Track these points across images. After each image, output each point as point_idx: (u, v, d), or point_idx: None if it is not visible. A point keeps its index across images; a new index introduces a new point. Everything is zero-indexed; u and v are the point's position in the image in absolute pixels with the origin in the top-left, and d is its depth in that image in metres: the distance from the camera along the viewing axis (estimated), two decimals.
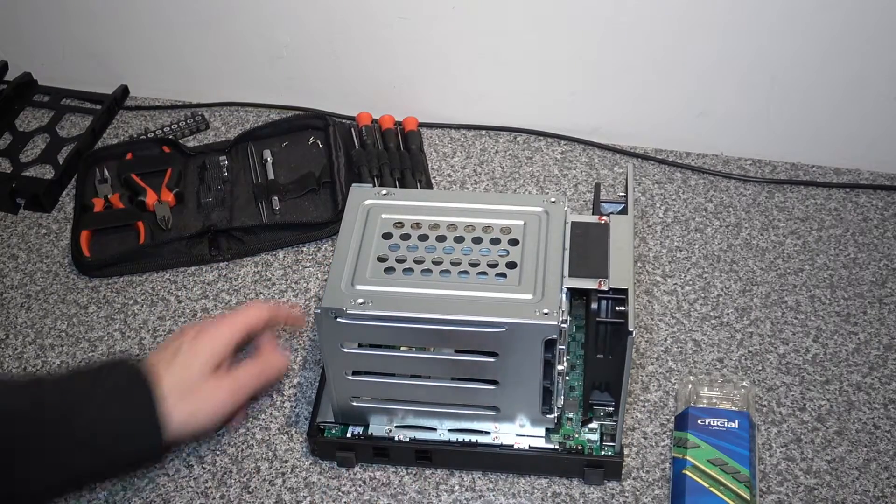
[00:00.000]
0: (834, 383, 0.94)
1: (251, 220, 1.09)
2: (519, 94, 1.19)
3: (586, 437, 0.86)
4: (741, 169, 1.15)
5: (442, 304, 0.78)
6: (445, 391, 0.83)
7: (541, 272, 0.80)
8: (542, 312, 0.77)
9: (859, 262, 1.04)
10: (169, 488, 0.88)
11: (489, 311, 0.77)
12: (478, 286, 0.80)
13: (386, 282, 0.80)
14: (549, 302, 0.78)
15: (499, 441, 0.86)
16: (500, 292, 0.79)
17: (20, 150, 1.23)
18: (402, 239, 0.84)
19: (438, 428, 0.86)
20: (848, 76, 1.08)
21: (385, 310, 0.78)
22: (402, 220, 0.85)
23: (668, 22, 1.08)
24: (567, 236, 0.83)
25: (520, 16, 1.11)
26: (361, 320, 0.78)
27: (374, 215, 0.85)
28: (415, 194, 0.87)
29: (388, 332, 0.79)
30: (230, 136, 1.22)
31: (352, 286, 0.80)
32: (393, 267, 0.81)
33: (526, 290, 0.79)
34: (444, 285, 0.80)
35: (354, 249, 0.83)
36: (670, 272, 1.04)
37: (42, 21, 1.25)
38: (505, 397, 0.83)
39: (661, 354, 0.96)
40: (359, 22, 1.16)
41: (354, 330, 0.79)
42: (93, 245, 1.08)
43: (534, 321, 0.76)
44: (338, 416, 0.87)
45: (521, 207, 0.86)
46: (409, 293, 0.79)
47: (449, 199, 0.87)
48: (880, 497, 0.85)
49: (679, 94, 1.14)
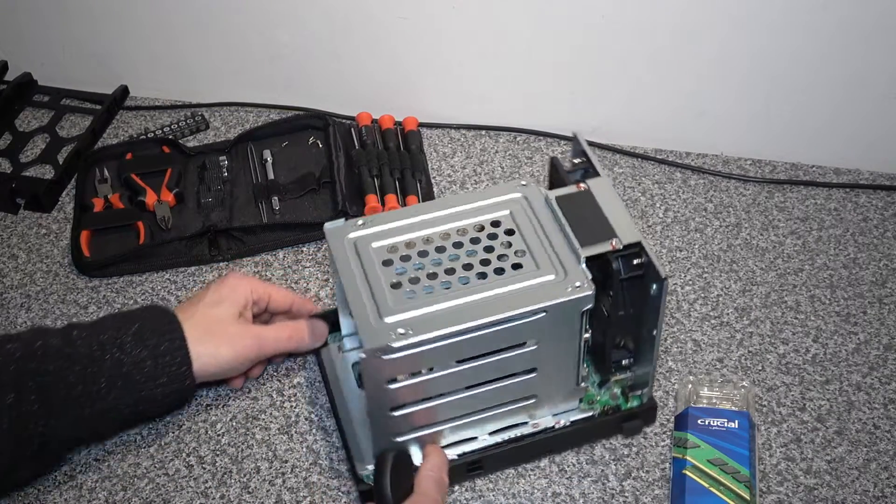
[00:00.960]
0: (834, 383, 0.94)
1: (251, 220, 1.09)
2: (519, 94, 1.19)
3: (608, 397, 0.87)
4: (741, 169, 1.15)
5: (477, 309, 0.77)
6: (486, 396, 0.82)
7: (552, 252, 0.81)
8: (574, 286, 0.78)
9: (859, 262, 1.04)
10: (169, 488, 0.88)
11: (525, 302, 0.77)
12: (501, 282, 0.79)
13: (413, 305, 0.78)
14: (576, 275, 0.78)
15: (540, 426, 0.86)
16: (524, 281, 0.79)
17: (20, 150, 1.23)
18: (403, 261, 0.81)
19: (478, 436, 0.85)
20: (848, 76, 1.08)
21: (428, 332, 0.75)
22: (395, 244, 0.82)
23: (667, 22, 1.08)
24: (559, 211, 0.83)
25: (520, 16, 1.11)
26: (408, 350, 0.75)
27: (364, 247, 0.82)
28: (392, 216, 0.84)
29: (435, 352, 0.77)
30: (230, 136, 1.22)
31: (382, 320, 0.76)
32: (412, 290, 0.79)
33: (547, 272, 0.79)
34: (470, 291, 0.78)
35: (364, 285, 0.79)
36: (670, 272, 1.04)
37: (42, 21, 1.25)
38: (543, 382, 0.83)
39: (660, 354, 0.96)
40: (359, 22, 1.16)
41: (402, 362, 0.76)
42: (93, 245, 1.08)
43: (571, 297, 0.77)
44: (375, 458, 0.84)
45: (500, 198, 0.85)
46: (442, 309, 0.77)
47: (427, 211, 0.85)
48: (880, 497, 0.85)
49: (679, 94, 1.14)
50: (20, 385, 0.78)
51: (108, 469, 0.90)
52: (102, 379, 0.80)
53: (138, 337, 0.82)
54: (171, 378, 0.82)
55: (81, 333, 0.81)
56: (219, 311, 0.87)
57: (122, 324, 0.83)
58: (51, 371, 0.79)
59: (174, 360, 0.82)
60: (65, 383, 0.79)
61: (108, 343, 0.81)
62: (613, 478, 0.87)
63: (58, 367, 0.79)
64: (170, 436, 0.92)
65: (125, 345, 0.81)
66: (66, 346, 0.80)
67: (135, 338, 0.82)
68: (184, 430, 0.92)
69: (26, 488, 0.88)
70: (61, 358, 0.80)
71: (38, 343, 0.80)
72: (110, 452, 0.91)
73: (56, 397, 0.79)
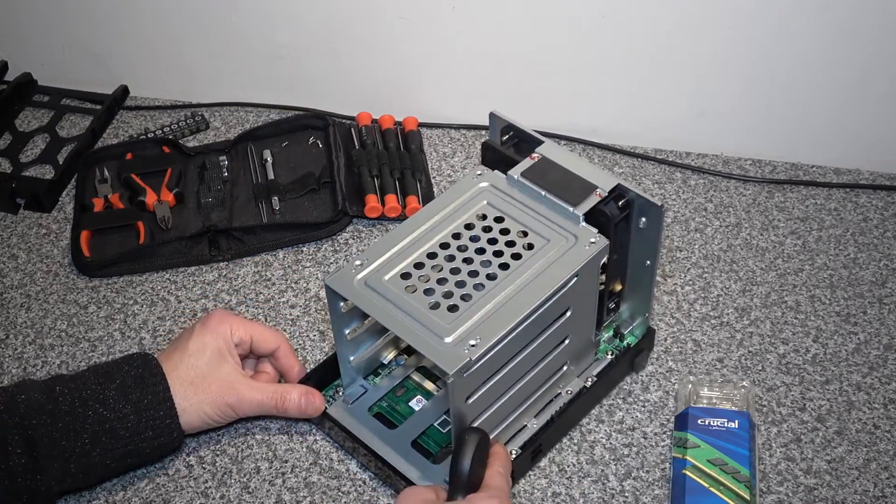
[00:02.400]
0: (834, 383, 0.94)
1: (251, 220, 1.09)
2: (519, 94, 1.19)
3: (607, 338, 0.93)
4: (741, 169, 1.15)
5: (522, 297, 0.79)
6: (535, 378, 0.84)
7: (549, 221, 0.83)
8: (591, 242, 0.81)
9: (859, 262, 1.04)
10: (169, 488, 0.88)
11: (559, 273, 0.80)
12: (524, 266, 0.81)
13: (463, 318, 0.78)
14: (584, 234, 0.82)
15: (574, 391, 0.89)
16: (544, 256, 0.81)
17: (20, 150, 1.23)
18: (424, 282, 0.81)
19: (527, 423, 0.87)
20: (848, 76, 1.08)
21: (494, 334, 0.76)
22: (405, 271, 0.82)
23: (668, 22, 1.08)
24: (531, 185, 0.85)
25: (520, 16, 1.11)
26: (484, 358, 0.76)
27: (377, 283, 0.81)
28: (381, 246, 0.83)
29: (501, 352, 0.78)
30: (230, 136, 1.22)
31: (444, 342, 0.77)
32: (454, 304, 0.79)
33: (558, 242, 0.82)
34: (503, 285, 0.80)
35: (403, 318, 0.79)
36: (670, 272, 1.04)
37: (42, 21, 1.25)
38: (573, 347, 0.86)
39: (660, 354, 0.96)
40: (359, 22, 1.16)
41: (480, 372, 0.77)
42: (93, 245, 1.08)
43: (593, 253, 0.81)
44: None
45: (467, 193, 0.87)
46: (490, 310, 0.78)
47: (412, 229, 0.85)
48: (880, 497, 0.85)
49: (679, 94, 1.14)
50: (5, 439, 0.78)
51: None
52: (86, 436, 0.80)
53: (121, 391, 0.82)
54: (156, 432, 0.82)
55: (64, 389, 0.81)
56: (202, 363, 0.85)
57: (104, 378, 0.82)
58: (35, 425, 0.79)
59: (157, 413, 0.82)
60: (49, 439, 0.79)
61: (91, 399, 0.81)
62: (613, 478, 0.87)
63: (41, 423, 0.79)
64: None
65: (108, 400, 0.81)
66: (49, 402, 0.80)
67: (118, 392, 0.82)
68: None
69: None
70: (44, 414, 0.79)
71: (22, 398, 0.80)
72: None
73: (41, 452, 0.79)
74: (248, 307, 1.03)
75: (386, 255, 0.83)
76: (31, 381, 0.83)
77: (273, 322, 1.01)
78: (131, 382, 0.82)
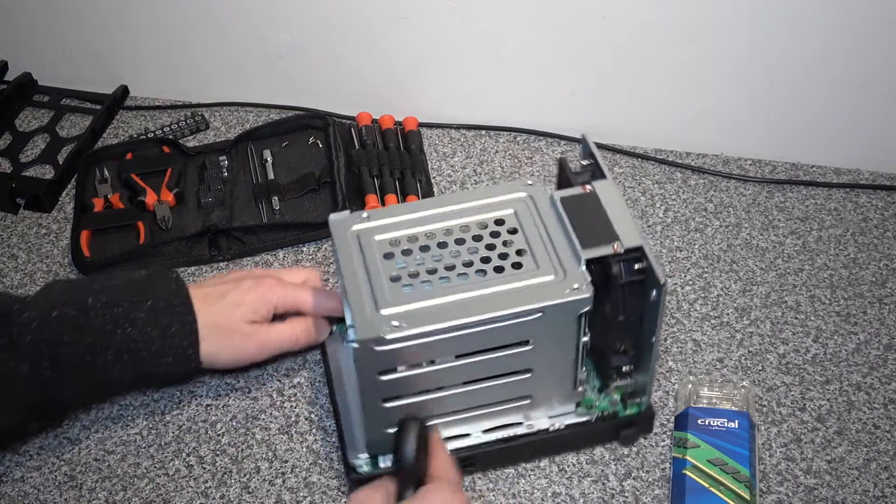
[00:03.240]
0: (834, 383, 0.94)
1: (251, 220, 1.09)
2: (519, 94, 1.19)
3: (607, 402, 0.87)
4: (741, 169, 1.15)
5: (473, 305, 0.77)
6: (481, 393, 0.82)
7: (553, 252, 0.80)
8: (573, 288, 0.77)
9: (859, 262, 1.04)
10: (169, 488, 0.88)
11: (522, 301, 0.77)
12: (499, 280, 0.79)
13: (410, 299, 0.78)
14: (575, 277, 0.78)
15: (535, 428, 0.86)
16: (523, 280, 0.79)
17: (20, 150, 1.23)
18: (404, 255, 0.81)
19: (472, 433, 0.85)
20: (848, 76, 1.08)
21: (421, 326, 0.76)
22: (397, 238, 0.83)
23: (668, 22, 1.08)
24: (563, 212, 0.82)
25: (519, 16, 1.11)
26: (401, 342, 0.76)
27: (367, 239, 0.83)
28: (396, 210, 0.85)
29: (428, 346, 0.77)
30: (230, 136, 1.22)
31: (378, 312, 0.77)
32: (410, 283, 0.79)
33: (547, 273, 0.79)
34: (468, 288, 0.79)
35: (363, 277, 0.80)
36: (670, 272, 1.04)
37: (42, 21, 1.25)
38: (539, 383, 0.83)
39: (660, 354, 0.96)
40: (359, 22, 1.16)
41: (395, 354, 0.77)
42: (93, 245, 1.08)
43: (568, 299, 0.77)
44: (370, 447, 0.85)
45: (505, 196, 0.85)
46: (438, 304, 0.78)
47: (432, 207, 0.85)
48: (880, 497, 0.85)
49: (679, 94, 1.14)
50: (35, 355, 0.80)
51: (108, 469, 0.90)
52: (109, 352, 0.82)
53: (151, 314, 0.83)
54: (176, 358, 0.84)
55: (97, 303, 0.82)
56: (235, 314, 0.87)
57: (136, 297, 0.84)
58: (65, 342, 0.81)
59: (182, 342, 0.84)
60: (76, 354, 0.81)
61: (121, 317, 0.82)
62: (613, 478, 0.87)
63: (71, 339, 0.81)
64: (170, 436, 0.92)
65: (137, 321, 0.83)
66: (81, 315, 0.82)
67: (148, 314, 0.83)
68: (184, 430, 0.92)
69: (26, 487, 0.88)
70: (75, 328, 0.81)
71: (55, 314, 0.81)
72: (110, 452, 0.91)
73: (66, 366, 0.81)
74: None
75: (392, 219, 0.84)
76: (64, 287, 0.84)
77: None
78: (162, 306, 0.84)
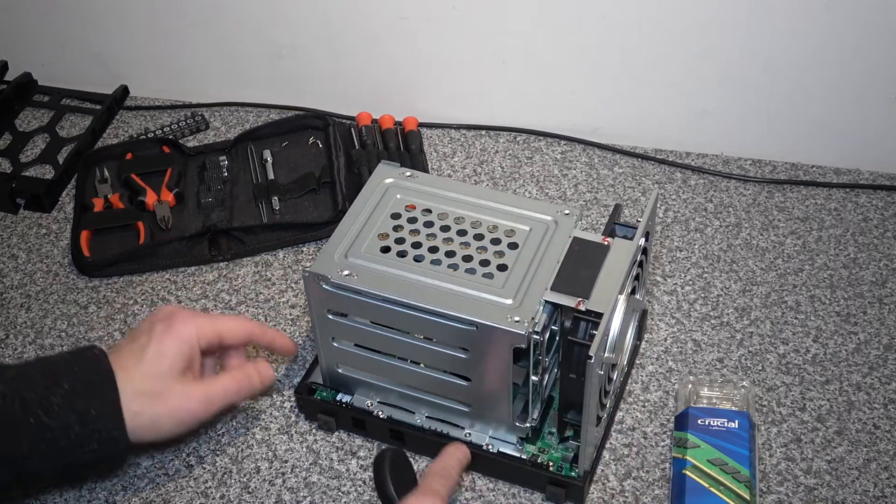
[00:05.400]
0: (834, 383, 0.94)
1: (251, 220, 1.09)
2: (519, 94, 1.19)
3: (560, 454, 0.84)
4: (741, 169, 1.15)
5: (420, 291, 0.79)
6: (421, 377, 0.84)
7: (527, 280, 0.79)
8: (514, 320, 0.76)
9: (859, 262, 1.04)
10: (169, 488, 0.88)
11: (462, 308, 0.78)
12: (462, 281, 0.80)
13: (378, 260, 0.82)
14: (525, 310, 0.77)
15: (469, 439, 0.86)
16: (481, 292, 0.79)
17: (20, 150, 1.23)
18: (408, 221, 0.85)
19: (417, 413, 0.88)
20: (848, 76, 1.08)
21: (366, 286, 0.80)
22: (416, 203, 0.86)
23: (668, 22, 1.08)
24: (565, 250, 0.81)
25: (519, 16, 1.11)
26: (343, 291, 0.80)
27: (391, 194, 0.87)
28: (436, 181, 0.88)
29: (366, 307, 0.81)
30: (230, 136, 1.22)
31: (344, 258, 0.82)
32: (389, 247, 0.83)
33: (507, 295, 0.78)
34: (430, 274, 0.80)
35: (360, 223, 0.85)
36: (670, 272, 1.04)
37: (42, 21, 1.25)
38: (476, 396, 0.83)
39: (661, 354, 0.96)
40: (359, 22, 1.16)
41: (336, 299, 0.81)
42: (93, 245, 1.08)
43: (503, 326, 0.76)
44: (326, 380, 0.89)
45: (532, 213, 0.85)
46: (395, 275, 0.81)
47: (466, 192, 0.88)
48: (880, 497, 0.85)
49: (679, 94, 1.14)
50: None
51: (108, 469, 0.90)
52: (24, 444, 0.73)
53: (68, 399, 0.74)
54: (101, 444, 0.75)
55: (5, 389, 0.73)
56: (161, 371, 0.78)
57: (51, 379, 0.75)
58: None
59: (105, 424, 0.75)
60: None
61: (34, 403, 0.73)
62: (613, 478, 0.87)
63: None
64: None
65: (52, 407, 0.73)
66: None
67: (64, 400, 0.74)
68: None
69: None
70: None
71: None
72: None
73: None
74: (248, 307, 1.03)
75: (425, 187, 0.88)
76: None
77: (273, 322, 1.01)
78: (80, 388, 0.75)
